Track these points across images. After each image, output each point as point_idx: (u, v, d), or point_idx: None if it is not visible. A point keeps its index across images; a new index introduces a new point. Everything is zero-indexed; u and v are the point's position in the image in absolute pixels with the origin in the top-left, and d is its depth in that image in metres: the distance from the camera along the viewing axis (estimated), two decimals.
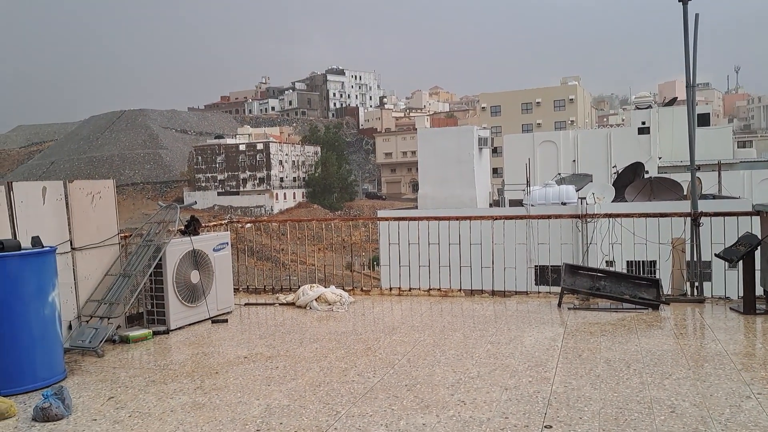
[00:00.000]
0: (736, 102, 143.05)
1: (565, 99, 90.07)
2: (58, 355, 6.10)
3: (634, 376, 5.55)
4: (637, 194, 22.84)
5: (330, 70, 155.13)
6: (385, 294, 10.17)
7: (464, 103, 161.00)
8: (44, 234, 6.48)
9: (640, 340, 6.81)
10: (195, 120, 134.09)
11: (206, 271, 8.52)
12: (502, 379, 5.56)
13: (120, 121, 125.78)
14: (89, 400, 5.39)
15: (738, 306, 8.13)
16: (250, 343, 7.24)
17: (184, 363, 6.50)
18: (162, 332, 7.79)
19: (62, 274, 6.72)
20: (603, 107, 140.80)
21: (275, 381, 5.74)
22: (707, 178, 27.17)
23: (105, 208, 7.90)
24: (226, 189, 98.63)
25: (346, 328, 7.87)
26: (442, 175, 29.46)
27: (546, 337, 7.02)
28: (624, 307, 8.44)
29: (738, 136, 62.84)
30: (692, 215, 9.18)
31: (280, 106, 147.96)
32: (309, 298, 9.15)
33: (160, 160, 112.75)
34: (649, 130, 38.70)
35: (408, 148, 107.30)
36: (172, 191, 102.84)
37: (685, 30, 9.26)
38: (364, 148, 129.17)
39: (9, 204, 6.67)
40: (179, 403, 5.24)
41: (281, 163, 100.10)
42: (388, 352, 6.60)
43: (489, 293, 9.74)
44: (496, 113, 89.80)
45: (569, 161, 38.31)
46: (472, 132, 30.58)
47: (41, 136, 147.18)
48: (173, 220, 8.19)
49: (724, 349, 6.36)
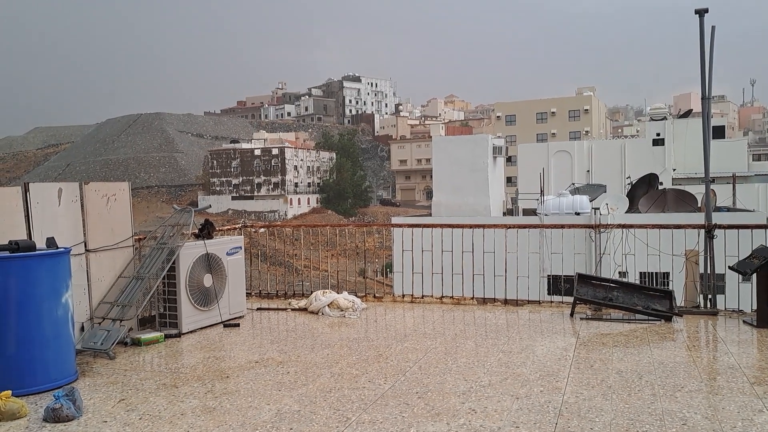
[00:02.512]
0: (752, 115, 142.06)
1: (580, 109, 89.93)
2: (70, 356, 6.14)
3: (645, 387, 5.52)
4: (651, 205, 22.73)
5: (346, 76, 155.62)
6: (398, 301, 10.16)
7: (479, 112, 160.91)
8: (59, 235, 6.53)
9: (652, 351, 6.77)
10: (211, 124, 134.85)
11: (219, 275, 8.55)
12: (514, 388, 5.55)
13: (136, 125, 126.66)
14: (100, 402, 5.41)
15: (751, 319, 8.07)
16: (261, 348, 7.25)
17: (196, 367, 6.52)
18: (174, 335, 7.81)
19: (76, 275, 6.76)
20: (618, 118, 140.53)
21: (286, 386, 5.74)
22: (721, 190, 26.97)
23: (120, 210, 7.94)
24: (241, 193, 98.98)
25: (358, 334, 7.87)
26: (456, 183, 29.36)
27: (558, 347, 7.00)
28: (636, 318, 8.39)
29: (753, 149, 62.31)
30: (706, 227, 9.12)
31: (296, 112, 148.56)
32: (321, 303, 9.16)
33: (175, 163, 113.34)
34: (664, 142, 38.49)
35: (423, 155, 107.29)
36: (186, 195, 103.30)
37: (702, 42, 9.21)
38: (379, 155, 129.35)
39: (25, 205, 6.73)
40: (190, 406, 5.25)
41: (296, 168, 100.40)
42: (399, 359, 6.60)
43: (501, 302, 9.72)
44: (511, 122, 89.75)
45: (583, 171, 38.15)
46: (487, 140, 30.47)
47: (58, 138, 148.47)
48: (187, 223, 8.22)
49: (737, 362, 6.31)
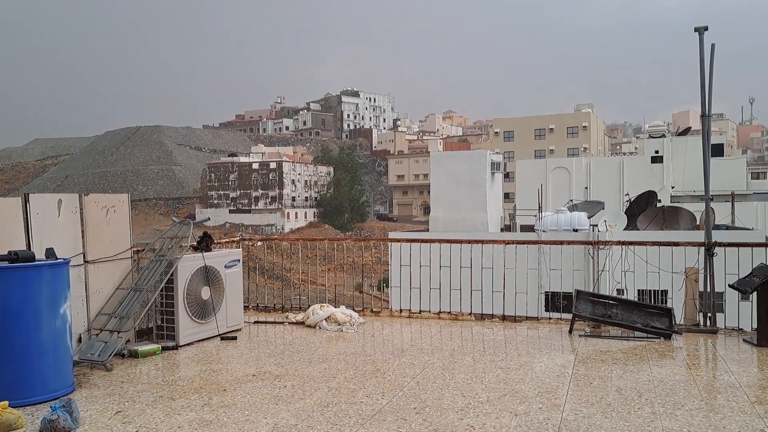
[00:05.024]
0: (751, 133, 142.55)
1: (578, 126, 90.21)
2: (68, 367, 6.11)
3: (645, 405, 5.50)
4: (650, 223, 22.73)
5: (345, 91, 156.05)
6: (395, 316, 10.13)
7: (477, 128, 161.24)
8: (58, 246, 6.51)
9: (651, 369, 6.75)
10: (209, 137, 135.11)
11: (217, 288, 8.52)
12: (512, 405, 5.52)
13: (135, 137, 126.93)
14: (97, 414, 5.38)
15: (751, 338, 8.06)
16: (258, 361, 7.22)
17: (193, 379, 6.48)
18: (171, 348, 7.78)
19: (74, 286, 6.74)
20: (616, 135, 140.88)
21: (283, 400, 5.71)
22: (720, 208, 26.96)
23: (119, 222, 7.93)
24: (238, 207, 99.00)
25: (356, 348, 7.84)
26: (454, 199, 29.38)
27: (557, 364, 6.97)
28: (636, 336, 8.37)
29: (752, 168, 62.57)
30: (706, 245, 9.12)
31: (294, 126, 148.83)
32: (319, 317, 9.13)
33: (173, 176, 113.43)
34: (663, 159, 38.53)
35: (420, 170, 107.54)
36: (184, 208, 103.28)
37: (701, 60, 9.25)
38: (376, 170, 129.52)
39: (25, 215, 6.72)
40: (186, 419, 5.22)
41: (293, 182, 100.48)
42: (397, 374, 6.57)
43: (499, 318, 9.70)
44: (509, 138, 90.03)
45: (581, 188, 38.17)
46: (485, 156, 30.48)
47: (57, 150, 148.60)
48: (186, 235, 8.21)
49: (737, 381, 6.29)
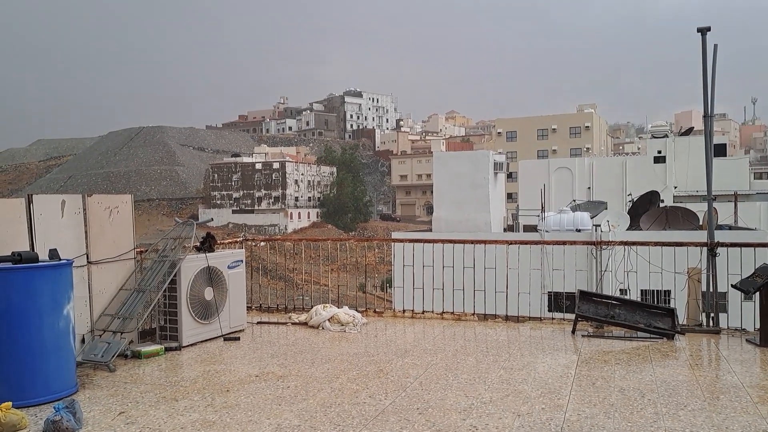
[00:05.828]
0: (753, 133, 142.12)
1: (581, 126, 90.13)
2: (71, 368, 6.12)
3: (648, 406, 5.50)
4: (652, 223, 22.71)
5: (348, 92, 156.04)
6: (399, 316, 10.13)
7: (480, 128, 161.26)
8: (61, 247, 6.53)
9: (654, 369, 6.74)
10: (212, 138, 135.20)
11: (220, 289, 8.53)
12: (515, 405, 5.52)
13: (138, 138, 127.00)
14: (100, 415, 5.39)
15: (754, 338, 8.05)
16: (261, 362, 7.22)
17: (196, 380, 6.49)
18: (174, 348, 7.79)
19: (77, 287, 6.75)
20: (619, 135, 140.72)
21: (286, 401, 5.72)
22: (723, 208, 26.90)
23: (122, 222, 7.94)
24: (241, 207, 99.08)
25: (359, 349, 7.84)
26: (456, 199, 29.34)
27: (559, 364, 6.97)
28: (638, 336, 8.37)
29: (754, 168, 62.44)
30: (709, 245, 9.11)
31: (297, 127, 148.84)
32: (322, 318, 9.13)
33: (176, 177, 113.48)
34: (665, 159, 38.48)
35: (423, 171, 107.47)
36: (187, 208, 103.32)
37: (704, 60, 9.23)
38: (379, 170, 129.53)
39: (29, 216, 6.73)
40: (189, 420, 5.23)
41: (296, 182, 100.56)
42: (400, 375, 6.57)
43: (502, 318, 9.70)
44: (512, 138, 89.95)
45: (584, 188, 38.12)
46: (488, 156, 30.44)
47: (60, 151, 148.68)
48: (189, 236, 8.22)
49: (740, 381, 6.29)
